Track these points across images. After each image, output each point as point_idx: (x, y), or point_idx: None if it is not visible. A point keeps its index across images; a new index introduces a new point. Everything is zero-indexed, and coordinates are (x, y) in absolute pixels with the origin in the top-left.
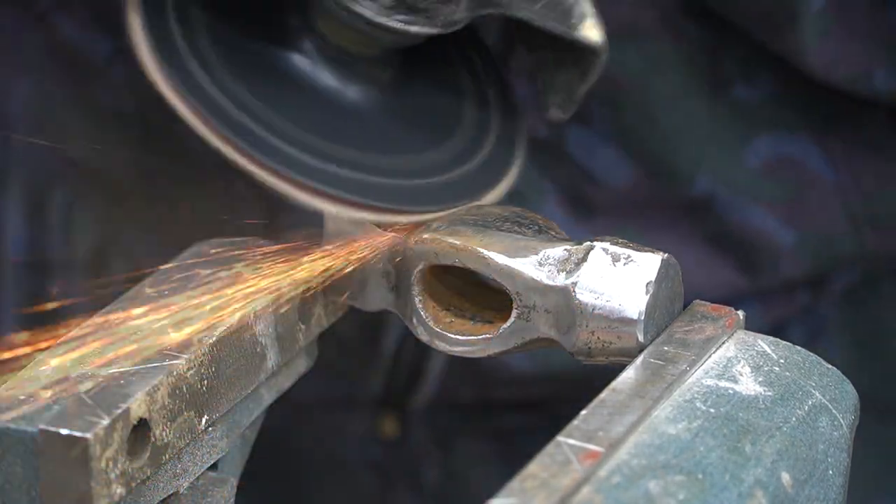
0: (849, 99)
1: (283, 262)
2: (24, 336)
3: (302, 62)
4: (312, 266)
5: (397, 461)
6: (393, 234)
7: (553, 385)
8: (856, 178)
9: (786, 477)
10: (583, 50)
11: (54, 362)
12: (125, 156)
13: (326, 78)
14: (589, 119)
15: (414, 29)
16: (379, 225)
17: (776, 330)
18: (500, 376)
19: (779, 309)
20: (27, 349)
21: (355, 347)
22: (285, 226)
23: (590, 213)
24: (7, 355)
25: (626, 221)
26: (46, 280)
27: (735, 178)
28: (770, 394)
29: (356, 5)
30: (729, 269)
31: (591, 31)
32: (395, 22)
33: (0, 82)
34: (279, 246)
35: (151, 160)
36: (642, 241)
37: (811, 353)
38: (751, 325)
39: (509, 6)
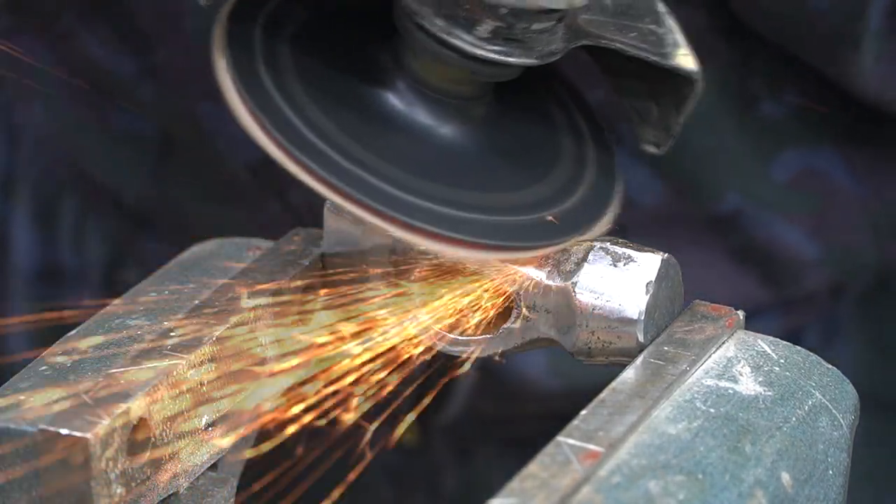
0: (874, 113)
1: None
2: None
3: (394, 101)
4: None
5: (416, 470)
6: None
7: (578, 399)
8: (878, 188)
9: (786, 477)
10: (677, 80)
11: (54, 361)
12: (140, 175)
13: (421, 116)
14: (620, 139)
15: (511, 60)
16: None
17: (793, 334)
18: (527, 393)
19: (798, 316)
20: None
21: None
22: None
23: (621, 232)
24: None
25: (653, 238)
26: (57, 289)
27: (762, 193)
28: (770, 394)
29: (452, 38)
30: (753, 283)
31: (685, 59)
32: (492, 53)
33: (12, 102)
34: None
35: (168, 180)
36: None
37: (811, 353)
38: (769, 332)
39: (603, 37)
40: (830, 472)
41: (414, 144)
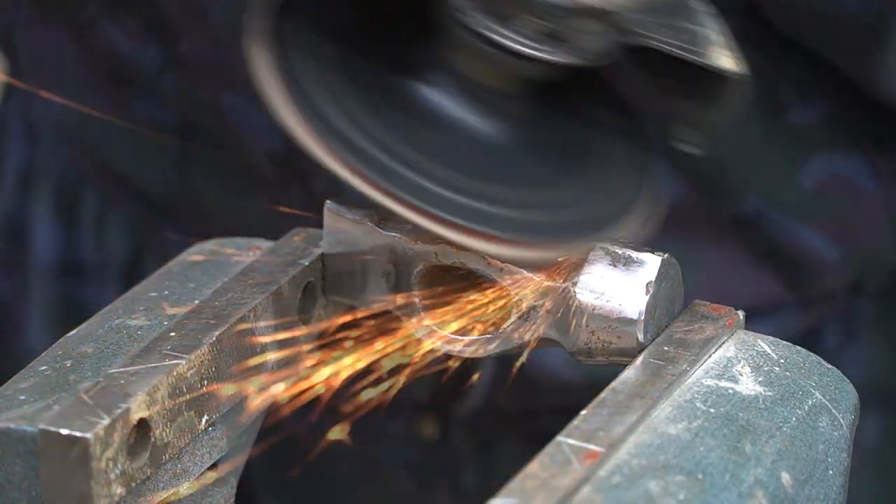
0: None
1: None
2: None
3: (437, 97)
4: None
5: (436, 463)
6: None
7: (599, 393)
8: None
9: (786, 477)
10: (715, 79)
11: (54, 361)
12: (162, 166)
13: (463, 113)
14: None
15: (560, 59)
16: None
17: (812, 333)
18: (548, 386)
19: (816, 315)
20: None
21: None
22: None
23: None
24: None
25: (672, 236)
26: (78, 283)
27: (787, 199)
28: (770, 394)
29: (501, 38)
30: (773, 284)
31: (723, 58)
32: (542, 53)
33: (32, 94)
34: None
35: (190, 171)
36: (688, 255)
37: (811, 353)
38: (788, 332)
39: (643, 35)
40: (830, 472)
41: (449, 138)
